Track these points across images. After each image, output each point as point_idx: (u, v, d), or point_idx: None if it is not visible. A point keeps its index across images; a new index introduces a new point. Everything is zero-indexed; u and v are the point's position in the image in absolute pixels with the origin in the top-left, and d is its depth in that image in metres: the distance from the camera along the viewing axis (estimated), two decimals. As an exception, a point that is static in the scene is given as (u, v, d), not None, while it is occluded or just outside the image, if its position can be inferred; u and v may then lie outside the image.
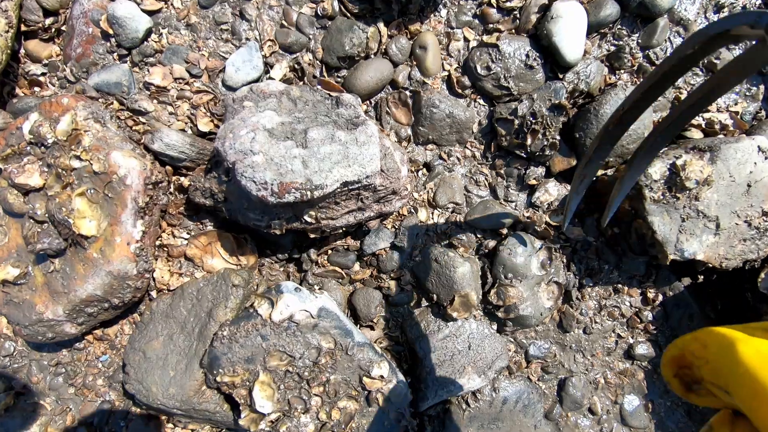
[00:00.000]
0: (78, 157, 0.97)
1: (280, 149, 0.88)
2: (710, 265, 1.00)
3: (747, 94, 1.16)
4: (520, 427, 1.16)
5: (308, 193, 0.86)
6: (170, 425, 1.19)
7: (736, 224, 1.00)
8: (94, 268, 0.97)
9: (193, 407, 1.03)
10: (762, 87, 1.15)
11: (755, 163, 0.98)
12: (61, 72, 1.14)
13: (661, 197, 0.97)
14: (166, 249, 1.11)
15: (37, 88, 1.16)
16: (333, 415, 0.98)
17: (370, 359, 1.01)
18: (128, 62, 1.11)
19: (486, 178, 1.16)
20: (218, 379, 0.94)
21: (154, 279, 1.09)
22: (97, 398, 1.18)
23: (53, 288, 1.00)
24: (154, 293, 1.11)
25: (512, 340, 1.19)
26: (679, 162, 0.95)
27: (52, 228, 0.99)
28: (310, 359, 0.96)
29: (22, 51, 1.15)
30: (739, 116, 1.14)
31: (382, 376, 1.01)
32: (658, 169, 0.96)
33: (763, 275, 1.00)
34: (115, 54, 1.11)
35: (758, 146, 0.99)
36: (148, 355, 1.00)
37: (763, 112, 1.16)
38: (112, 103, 1.10)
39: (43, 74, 1.15)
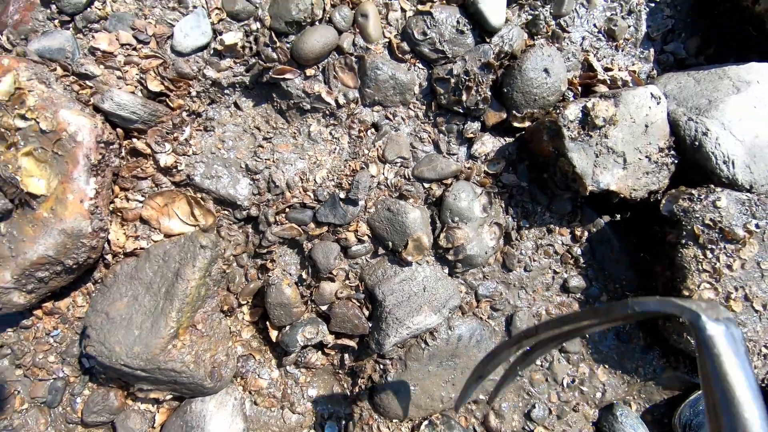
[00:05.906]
0: (23, 117, 0.96)
1: None
2: (622, 196, 1.17)
3: (641, 56, 1.36)
4: (475, 361, 1.26)
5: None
6: (129, 400, 1.17)
7: (639, 159, 1.17)
8: (44, 228, 0.96)
9: (159, 366, 1.02)
10: (652, 50, 1.36)
11: (650, 107, 1.17)
12: (-5, 41, 1.11)
13: (577, 135, 1.12)
14: (119, 213, 1.10)
15: (-32, 58, 1.12)
16: None
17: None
18: (71, 29, 1.11)
19: (429, 135, 1.27)
20: None
21: (109, 242, 1.07)
22: (48, 376, 1.13)
23: (-2, 253, 0.97)
24: (109, 257, 1.09)
25: (463, 282, 1.29)
26: (588, 104, 1.11)
27: (-5, 191, 0.96)
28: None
29: (-49, 20, 1.11)
30: (636, 74, 1.34)
31: None
32: (572, 111, 1.11)
33: (663, 201, 1.18)
34: (57, 21, 1.10)
35: (651, 93, 1.17)
36: (111, 316, 0.99)
37: (655, 72, 1.37)
38: (55, 69, 1.08)
39: (-25, 43, 1.12)
